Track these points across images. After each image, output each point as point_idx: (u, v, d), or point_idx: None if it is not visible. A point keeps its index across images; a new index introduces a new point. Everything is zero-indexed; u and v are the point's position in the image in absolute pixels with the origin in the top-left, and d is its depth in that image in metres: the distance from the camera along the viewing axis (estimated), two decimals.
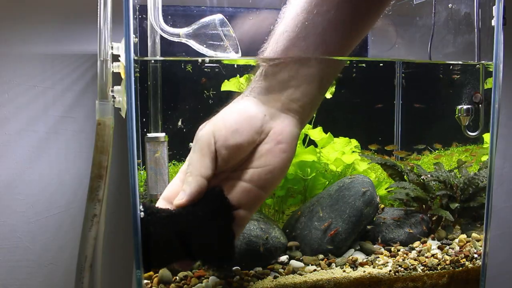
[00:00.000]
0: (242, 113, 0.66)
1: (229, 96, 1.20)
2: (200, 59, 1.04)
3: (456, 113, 1.26)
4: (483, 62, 1.18)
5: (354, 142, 1.31)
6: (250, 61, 1.18)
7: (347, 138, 1.30)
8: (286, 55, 0.64)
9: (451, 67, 1.30)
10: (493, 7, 1.08)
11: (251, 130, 0.65)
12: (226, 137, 0.65)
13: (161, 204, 0.69)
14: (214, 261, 0.70)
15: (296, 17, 0.64)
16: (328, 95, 1.22)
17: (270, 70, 0.65)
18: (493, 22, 1.10)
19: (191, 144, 0.72)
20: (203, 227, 0.66)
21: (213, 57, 0.91)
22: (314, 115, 1.24)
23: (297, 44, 0.64)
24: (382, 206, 1.23)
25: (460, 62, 1.27)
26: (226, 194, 0.67)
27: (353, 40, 0.66)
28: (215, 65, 1.17)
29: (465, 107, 1.23)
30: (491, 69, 0.91)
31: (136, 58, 1.01)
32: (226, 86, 1.19)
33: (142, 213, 0.67)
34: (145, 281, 0.90)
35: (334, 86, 1.22)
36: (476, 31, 1.16)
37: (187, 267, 0.70)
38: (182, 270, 0.69)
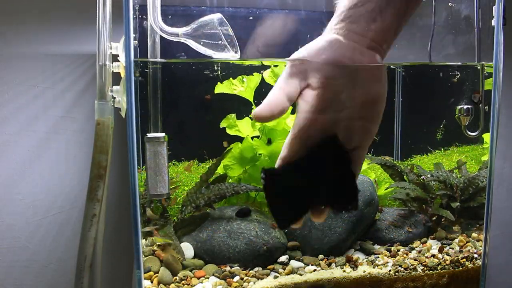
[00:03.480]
0: (334, 41, 0.67)
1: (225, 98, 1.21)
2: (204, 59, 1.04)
3: (456, 113, 1.26)
4: (483, 62, 1.18)
5: None
6: (254, 61, 1.19)
7: None
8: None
9: (449, 68, 1.30)
10: (493, 7, 1.08)
11: (344, 56, 0.66)
12: (324, 58, 0.66)
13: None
14: (341, 206, 0.73)
15: None
16: None
17: (354, 11, 0.67)
18: (493, 22, 1.10)
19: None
20: (325, 174, 0.68)
21: (212, 58, 0.91)
22: None
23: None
24: (382, 207, 1.23)
25: (459, 63, 1.27)
26: (341, 136, 0.67)
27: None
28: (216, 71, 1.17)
29: (465, 107, 1.23)
30: (491, 71, 0.91)
31: (136, 59, 1.01)
32: (220, 88, 1.20)
33: (263, 180, 0.66)
34: (145, 281, 0.90)
35: None
36: (476, 31, 1.16)
37: (321, 217, 0.71)
38: (317, 220, 0.71)
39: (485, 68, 1.19)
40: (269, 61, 1.21)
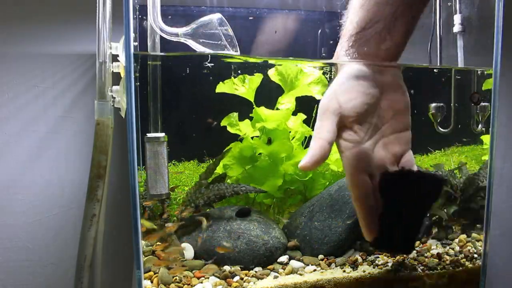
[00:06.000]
0: (354, 75, 0.71)
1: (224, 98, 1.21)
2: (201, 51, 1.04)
3: (430, 110, 1.28)
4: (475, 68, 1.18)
5: None
6: (255, 59, 1.19)
7: None
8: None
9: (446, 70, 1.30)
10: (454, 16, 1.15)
11: (368, 86, 0.71)
12: (350, 98, 0.70)
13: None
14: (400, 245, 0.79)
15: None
16: (320, 96, 1.23)
17: (363, 36, 0.70)
18: (455, 29, 1.18)
19: None
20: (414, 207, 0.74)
21: (211, 52, 0.91)
22: (314, 115, 1.24)
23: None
24: None
25: (461, 66, 1.26)
26: (388, 153, 0.73)
27: (412, 28, 0.73)
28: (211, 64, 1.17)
29: (435, 104, 1.26)
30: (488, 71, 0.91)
31: (135, 52, 1.00)
32: (221, 88, 1.20)
33: None
34: (145, 281, 0.90)
35: (326, 87, 1.23)
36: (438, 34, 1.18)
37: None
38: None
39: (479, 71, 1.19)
40: (273, 60, 1.21)
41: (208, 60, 1.12)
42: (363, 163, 0.71)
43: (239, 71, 1.20)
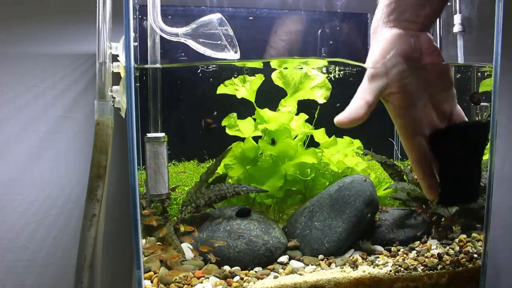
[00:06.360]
0: (395, 37, 0.73)
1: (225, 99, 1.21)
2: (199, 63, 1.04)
3: None
4: (476, 64, 1.18)
5: (357, 143, 1.31)
6: (254, 63, 1.19)
7: (349, 138, 1.30)
8: None
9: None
10: (454, 16, 1.15)
11: (408, 46, 0.73)
12: (395, 63, 0.72)
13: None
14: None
15: None
16: (322, 100, 1.23)
17: (404, 3, 0.72)
18: (455, 29, 1.18)
19: None
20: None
21: (212, 61, 0.91)
22: (316, 116, 1.24)
23: None
24: (382, 206, 1.23)
25: (461, 63, 1.27)
26: (437, 114, 0.75)
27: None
28: (214, 68, 1.17)
29: None
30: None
31: (136, 66, 1.01)
32: (222, 89, 1.20)
33: None
34: (145, 281, 0.90)
35: (329, 91, 1.24)
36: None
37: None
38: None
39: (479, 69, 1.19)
40: (275, 60, 1.22)
41: (210, 68, 1.12)
42: (416, 125, 0.73)
43: (235, 73, 1.20)
